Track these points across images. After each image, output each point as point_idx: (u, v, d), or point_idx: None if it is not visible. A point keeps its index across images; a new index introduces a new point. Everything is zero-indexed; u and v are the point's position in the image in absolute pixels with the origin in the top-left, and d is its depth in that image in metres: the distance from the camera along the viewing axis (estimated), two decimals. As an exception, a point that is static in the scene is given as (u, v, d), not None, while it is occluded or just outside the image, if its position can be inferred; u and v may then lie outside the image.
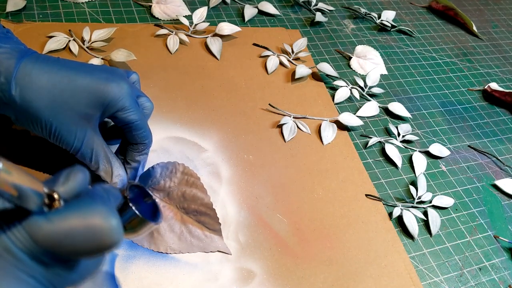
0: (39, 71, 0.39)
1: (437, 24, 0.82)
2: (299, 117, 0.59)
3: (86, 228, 0.25)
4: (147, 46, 0.61)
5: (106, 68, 0.43)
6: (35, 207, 0.24)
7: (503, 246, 0.53)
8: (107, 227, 0.25)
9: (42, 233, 0.24)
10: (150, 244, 0.43)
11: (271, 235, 0.47)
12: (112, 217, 0.25)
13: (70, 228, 0.24)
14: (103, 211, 0.25)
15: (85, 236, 0.25)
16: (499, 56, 0.80)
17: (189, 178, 0.46)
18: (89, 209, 0.25)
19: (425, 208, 0.54)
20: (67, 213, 0.25)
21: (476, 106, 0.69)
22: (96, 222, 0.25)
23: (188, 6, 0.69)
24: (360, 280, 0.46)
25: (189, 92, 0.57)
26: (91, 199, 0.26)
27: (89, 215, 0.25)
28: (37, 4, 0.62)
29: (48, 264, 0.25)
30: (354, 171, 0.55)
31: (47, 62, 0.40)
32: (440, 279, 0.48)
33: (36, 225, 0.24)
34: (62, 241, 0.24)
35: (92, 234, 0.25)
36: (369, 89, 0.65)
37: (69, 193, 0.27)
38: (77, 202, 0.26)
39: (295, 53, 0.66)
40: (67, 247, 0.25)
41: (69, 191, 0.27)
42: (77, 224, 0.24)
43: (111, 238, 0.25)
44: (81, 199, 0.26)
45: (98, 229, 0.25)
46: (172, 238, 0.43)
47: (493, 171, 0.61)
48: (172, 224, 0.44)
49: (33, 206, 0.24)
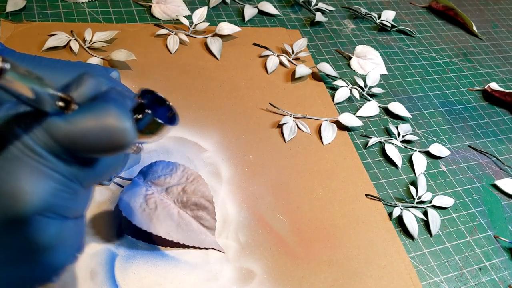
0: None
1: (437, 24, 0.82)
2: (299, 117, 0.59)
3: (101, 128, 0.26)
4: (147, 46, 0.61)
5: (84, 65, 0.43)
6: (52, 109, 0.25)
7: (503, 246, 0.53)
8: (121, 127, 0.26)
9: (60, 133, 0.25)
10: (149, 227, 0.43)
11: (271, 235, 0.47)
12: (125, 117, 0.27)
13: (86, 127, 0.26)
14: (116, 112, 0.27)
15: (100, 135, 0.26)
16: (499, 56, 0.80)
17: (189, 176, 0.47)
18: (103, 110, 0.26)
19: (425, 208, 0.54)
20: (82, 114, 0.26)
21: (476, 106, 0.69)
22: (109, 122, 0.26)
23: (188, 6, 0.69)
24: (360, 280, 0.46)
25: (189, 92, 0.57)
26: (105, 102, 0.27)
27: (103, 116, 0.26)
28: (37, 4, 0.62)
29: (69, 161, 0.26)
30: (354, 171, 0.55)
31: (23, 60, 0.39)
32: (440, 279, 0.48)
33: (54, 125, 0.25)
34: (78, 140, 0.26)
35: (107, 134, 0.26)
36: (369, 89, 0.65)
37: (83, 98, 0.28)
38: (92, 104, 0.27)
39: (295, 53, 0.66)
40: (84, 146, 0.26)
41: (82, 95, 0.28)
42: (92, 124, 0.26)
43: (124, 137, 0.27)
44: (96, 102, 0.27)
45: (112, 128, 0.26)
46: (170, 225, 0.44)
47: (493, 171, 0.61)
48: (171, 214, 0.44)
49: (49, 108, 0.25)
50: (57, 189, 0.26)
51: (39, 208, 0.25)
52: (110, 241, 0.43)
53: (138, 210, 0.43)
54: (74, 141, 0.26)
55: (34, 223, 0.25)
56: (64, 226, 0.27)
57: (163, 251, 0.44)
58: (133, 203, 0.44)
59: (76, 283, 0.40)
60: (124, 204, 0.43)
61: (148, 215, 0.43)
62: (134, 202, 0.44)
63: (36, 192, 0.25)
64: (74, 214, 0.28)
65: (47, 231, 0.26)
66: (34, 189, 0.25)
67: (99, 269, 0.41)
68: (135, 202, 0.44)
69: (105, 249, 0.43)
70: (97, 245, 0.43)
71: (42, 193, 0.25)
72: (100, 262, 0.42)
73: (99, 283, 0.41)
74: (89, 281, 0.40)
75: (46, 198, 0.25)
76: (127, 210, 0.43)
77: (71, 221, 0.28)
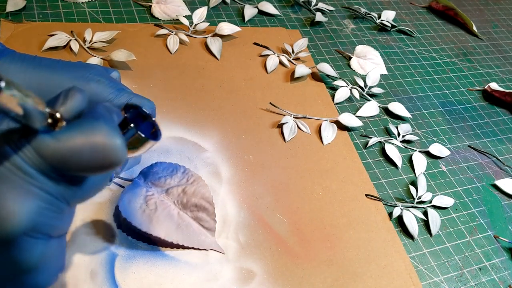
0: (15, 70, 0.38)
1: (437, 24, 0.82)
2: (299, 117, 0.59)
3: (91, 146, 0.26)
4: (147, 46, 0.61)
5: (84, 65, 0.42)
6: (40, 126, 0.25)
7: (503, 246, 0.53)
8: (111, 144, 0.26)
9: (49, 151, 0.25)
10: (149, 228, 0.43)
11: (271, 235, 0.47)
12: (115, 135, 0.26)
13: (75, 146, 0.25)
14: (106, 130, 0.26)
15: (89, 153, 0.26)
16: (499, 56, 0.80)
17: (189, 177, 0.47)
18: (92, 128, 0.26)
19: (425, 208, 0.54)
20: (72, 131, 0.26)
21: (476, 106, 0.69)
22: (99, 140, 0.26)
23: (188, 6, 0.69)
24: (360, 280, 0.46)
25: (189, 92, 0.57)
26: (94, 118, 0.27)
27: (92, 133, 0.26)
28: (37, 4, 0.62)
29: (57, 180, 0.26)
30: (354, 171, 0.55)
31: (23, 61, 0.39)
32: (440, 279, 0.48)
33: (43, 143, 0.25)
34: (68, 159, 0.25)
35: (96, 152, 0.26)
36: (369, 89, 0.65)
37: (70, 113, 0.27)
38: (81, 121, 0.27)
39: (296, 53, 0.66)
40: (73, 164, 0.25)
41: (70, 110, 0.27)
42: (82, 142, 0.25)
43: (115, 155, 0.26)
44: (84, 118, 0.27)
45: (102, 147, 0.26)
46: (170, 227, 0.44)
47: (493, 171, 0.61)
48: (171, 215, 0.44)
49: (38, 125, 0.25)
50: (44, 208, 0.25)
51: (26, 228, 0.25)
52: (110, 241, 0.43)
53: (138, 211, 0.43)
54: (63, 159, 0.25)
55: (21, 244, 0.25)
56: (48, 246, 0.27)
57: (163, 251, 0.44)
58: (133, 203, 0.44)
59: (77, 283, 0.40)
60: (124, 205, 0.43)
61: (148, 216, 0.43)
62: (134, 202, 0.44)
63: (23, 212, 0.24)
64: (58, 233, 0.27)
65: (32, 251, 0.26)
66: (22, 209, 0.24)
67: (99, 269, 0.41)
68: (135, 203, 0.44)
69: (105, 249, 0.43)
70: (97, 245, 0.43)
71: (29, 213, 0.25)
72: (100, 262, 0.42)
73: (99, 283, 0.41)
74: (89, 281, 0.40)
75: (33, 218, 0.25)
76: (127, 211, 0.43)
77: (55, 240, 0.27)
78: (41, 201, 0.25)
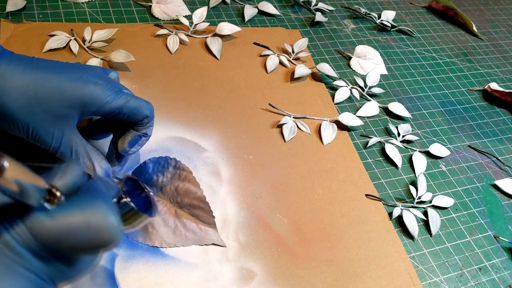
0: (13, 72, 0.38)
1: (437, 24, 0.82)
2: (299, 117, 0.59)
3: (87, 226, 0.25)
4: (147, 46, 0.61)
5: (82, 66, 0.42)
6: (36, 203, 0.24)
7: (503, 246, 0.53)
8: (108, 225, 0.25)
9: (43, 230, 0.24)
10: (145, 239, 0.43)
11: (271, 235, 0.47)
12: (112, 215, 0.26)
13: (71, 225, 0.25)
14: (103, 209, 0.26)
15: (86, 233, 0.25)
16: (499, 56, 0.80)
17: (181, 172, 0.46)
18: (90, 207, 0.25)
19: (425, 208, 0.54)
20: (68, 210, 0.25)
21: (476, 106, 0.69)
22: (97, 220, 0.25)
23: (188, 6, 0.69)
24: (360, 280, 0.46)
25: (189, 92, 0.57)
26: (91, 196, 0.26)
27: (90, 213, 0.25)
28: (37, 4, 0.62)
29: (48, 260, 0.25)
30: (354, 171, 0.55)
31: (21, 62, 0.39)
32: (440, 279, 0.48)
33: (37, 222, 0.24)
34: (63, 238, 0.24)
35: (93, 232, 0.25)
36: (369, 89, 0.65)
37: (67, 187, 0.27)
38: (78, 199, 0.26)
39: (296, 53, 0.66)
40: (67, 244, 0.25)
41: (67, 185, 0.27)
42: (78, 221, 0.25)
43: (111, 236, 0.26)
44: (82, 196, 0.26)
45: (99, 227, 0.25)
46: (166, 232, 0.44)
47: (493, 171, 0.61)
48: (166, 218, 0.44)
49: (34, 202, 0.24)
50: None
51: None
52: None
53: None
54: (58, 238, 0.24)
55: None
56: None
57: (163, 251, 0.44)
58: None
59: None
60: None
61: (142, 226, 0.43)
62: None
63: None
64: None
65: None
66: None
67: (99, 269, 0.41)
68: None
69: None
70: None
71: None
72: (100, 262, 0.42)
73: (99, 283, 0.41)
74: (89, 281, 0.40)
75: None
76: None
77: None
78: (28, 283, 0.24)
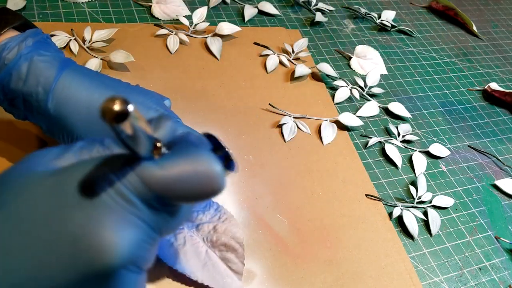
0: (78, 86, 0.38)
1: (437, 24, 0.82)
2: (299, 117, 0.59)
3: (196, 174, 0.25)
4: (147, 46, 0.61)
5: (144, 91, 0.42)
6: (145, 152, 0.25)
7: (503, 246, 0.53)
8: (214, 172, 0.26)
9: (154, 179, 0.24)
10: (175, 263, 0.41)
11: (271, 235, 0.47)
12: (216, 163, 0.26)
13: (180, 174, 0.25)
14: (208, 157, 0.26)
15: (194, 181, 0.25)
16: (499, 56, 0.80)
17: (222, 215, 0.45)
18: (196, 156, 0.26)
19: (425, 208, 0.54)
20: (177, 160, 0.25)
21: (476, 106, 0.69)
22: (203, 168, 0.25)
23: (188, 6, 0.69)
24: (360, 280, 0.46)
25: (189, 92, 0.57)
26: (195, 147, 0.26)
27: (196, 161, 0.25)
28: (37, 4, 0.62)
29: (157, 209, 0.25)
30: (354, 171, 0.55)
31: (86, 77, 0.39)
32: (440, 279, 0.48)
33: (148, 171, 0.24)
34: (173, 186, 0.25)
35: (201, 179, 0.25)
36: (369, 89, 0.65)
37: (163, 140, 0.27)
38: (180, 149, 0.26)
39: (296, 53, 0.66)
40: (177, 192, 0.25)
41: (163, 138, 0.27)
42: (187, 170, 0.25)
43: (218, 183, 0.26)
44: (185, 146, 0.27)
45: (206, 174, 0.25)
46: (196, 264, 0.42)
47: (493, 171, 0.61)
48: (198, 252, 0.43)
49: (144, 152, 0.24)
50: (142, 240, 0.25)
51: (125, 261, 0.24)
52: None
53: (166, 244, 0.41)
54: (168, 187, 0.25)
55: (118, 277, 0.24)
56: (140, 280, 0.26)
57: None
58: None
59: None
60: None
61: (175, 250, 0.41)
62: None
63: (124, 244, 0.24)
64: (147, 266, 0.26)
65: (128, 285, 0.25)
66: (123, 240, 0.24)
67: None
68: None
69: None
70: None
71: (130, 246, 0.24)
72: None
73: None
74: None
75: (133, 250, 0.24)
76: None
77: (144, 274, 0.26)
78: (141, 232, 0.25)
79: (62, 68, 0.39)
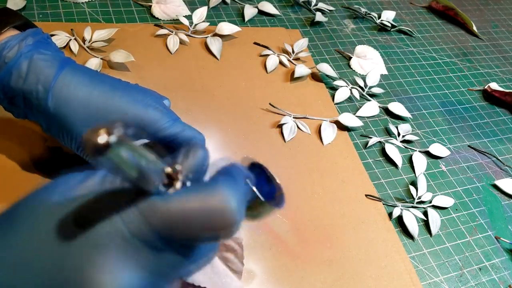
0: (78, 84, 0.38)
1: (437, 24, 0.82)
2: (299, 117, 0.59)
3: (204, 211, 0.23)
4: (147, 46, 0.61)
5: (143, 90, 0.42)
6: (153, 188, 0.23)
7: (503, 246, 0.53)
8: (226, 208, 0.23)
9: (156, 217, 0.22)
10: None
11: (271, 235, 0.47)
12: (233, 198, 0.24)
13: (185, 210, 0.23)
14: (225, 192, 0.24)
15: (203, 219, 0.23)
16: (499, 56, 0.80)
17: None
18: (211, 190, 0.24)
19: (425, 208, 0.54)
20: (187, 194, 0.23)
21: (476, 106, 0.69)
22: (214, 204, 0.23)
23: (188, 6, 0.69)
24: (360, 280, 0.46)
25: (189, 92, 0.57)
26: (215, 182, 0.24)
27: (208, 197, 0.23)
28: (37, 4, 0.62)
29: (161, 249, 0.23)
30: (354, 171, 0.55)
31: (86, 75, 0.39)
32: (440, 279, 0.48)
33: (151, 207, 0.22)
34: (176, 225, 0.23)
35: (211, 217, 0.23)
36: (369, 89, 0.65)
37: (187, 170, 0.25)
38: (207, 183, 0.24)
39: (296, 53, 0.66)
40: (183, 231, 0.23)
41: (187, 168, 0.25)
42: (193, 207, 0.23)
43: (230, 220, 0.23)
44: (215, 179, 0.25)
45: (217, 211, 0.23)
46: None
47: (493, 171, 0.61)
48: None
49: (151, 187, 0.22)
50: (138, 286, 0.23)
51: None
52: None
53: None
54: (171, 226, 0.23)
55: None
56: None
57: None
58: None
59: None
60: None
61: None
62: None
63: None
64: None
65: None
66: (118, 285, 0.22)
67: None
68: None
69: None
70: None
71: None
72: None
73: None
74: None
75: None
76: None
77: None
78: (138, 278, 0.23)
79: (62, 67, 0.39)
